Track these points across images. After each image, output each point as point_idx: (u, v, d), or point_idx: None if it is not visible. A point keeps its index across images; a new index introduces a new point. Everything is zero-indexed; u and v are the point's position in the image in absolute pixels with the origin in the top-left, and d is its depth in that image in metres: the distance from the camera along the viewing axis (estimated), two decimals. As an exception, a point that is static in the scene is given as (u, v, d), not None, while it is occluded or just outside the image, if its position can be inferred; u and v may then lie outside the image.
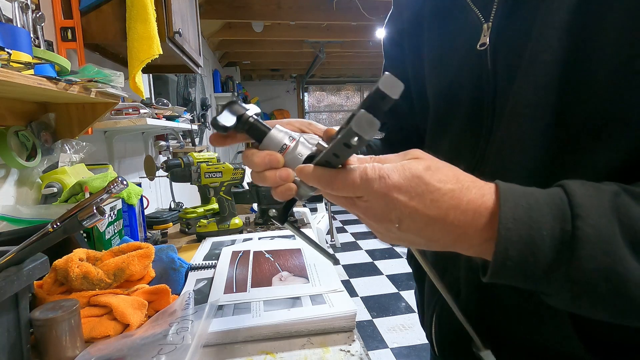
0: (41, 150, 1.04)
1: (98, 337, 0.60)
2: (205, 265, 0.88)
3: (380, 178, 0.32)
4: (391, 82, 0.30)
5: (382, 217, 0.33)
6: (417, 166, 0.33)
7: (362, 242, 4.31)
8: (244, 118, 0.41)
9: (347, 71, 7.31)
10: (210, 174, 1.23)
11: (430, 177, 0.32)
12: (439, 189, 0.32)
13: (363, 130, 0.28)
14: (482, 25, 0.44)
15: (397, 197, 0.32)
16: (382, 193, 0.32)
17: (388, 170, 0.32)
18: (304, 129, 0.46)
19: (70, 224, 0.51)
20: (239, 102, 0.42)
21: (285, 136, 0.40)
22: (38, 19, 0.96)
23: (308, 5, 3.64)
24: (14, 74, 0.69)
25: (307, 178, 0.36)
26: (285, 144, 0.40)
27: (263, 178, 0.40)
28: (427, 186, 0.32)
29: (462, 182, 0.33)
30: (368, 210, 0.34)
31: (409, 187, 0.32)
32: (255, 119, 0.42)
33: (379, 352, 2.25)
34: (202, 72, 3.62)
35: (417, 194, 0.32)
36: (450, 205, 0.32)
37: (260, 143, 0.41)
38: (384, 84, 0.29)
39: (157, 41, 1.18)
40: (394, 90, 0.29)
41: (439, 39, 0.51)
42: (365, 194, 0.33)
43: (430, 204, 0.32)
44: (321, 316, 0.63)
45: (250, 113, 0.42)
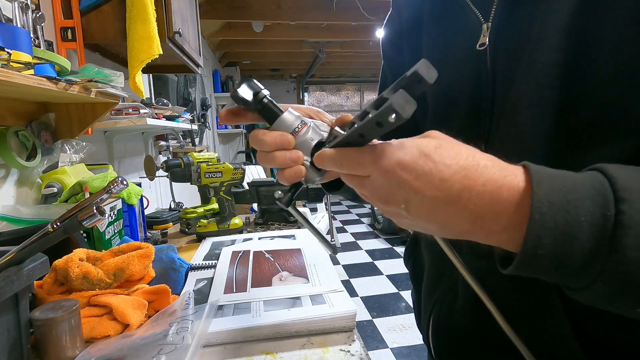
0: (41, 150, 1.04)
1: (98, 337, 0.60)
2: (205, 265, 0.88)
3: (385, 154, 0.30)
4: (428, 67, 0.30)
5: (387, 198, 0.31)
6: (428, 143, 0.30)
7: (362, 242, 4.31)
8: (259, 96, 0.41)
9: (347, 71, 7.31)
10: (210, 174, 1.24)
11: (439, 155, 0.29)
12: (449, 166, 0.29)
13: (402, 108, 0.27)
14: (482, 25, 0.44)
15: (402, 175, 0.30)
16: (385, 170, 0.30)
17: (395, 147, 0.31)
18: (312, 116, 0.46)
19: (70, 224, 0.51)
20: (254, 80, 0.42)
21: (297, 120, 0.41)
22: (38, 19, 0.96)
23: (308, 5, 3.64)
24: (14, 74, 0.69)
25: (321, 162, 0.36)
26: (297, 127, 0.40)
27: (272, 158, 0.39)
28: (435, 164, 0.29)
29: (478, 160, 0.30)
30: (374, 191, 0.32)
31: (415, 164, 0.29)
32: (269, 99, 0.41)
33: (379, 352, 2.25)
34: (202, 72, 3.62)
35: (423, 173, 0.29)
36: (463, 185, 0.28)
37: (271, 124, 0.41)
38: (421, 68, 0.29)
39: (157, 41, 1.18)
40: (430, 75, 0.29)
41: (438, 39, 0.51)
42: (371, 172, 0.31)
43: (439, 183, 0.29)
44: (321, 316, 0.63)
45: (265, 93, 0.41)
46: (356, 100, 8.11)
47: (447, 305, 0.51)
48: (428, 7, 0.53)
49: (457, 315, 0.49)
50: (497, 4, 0.43)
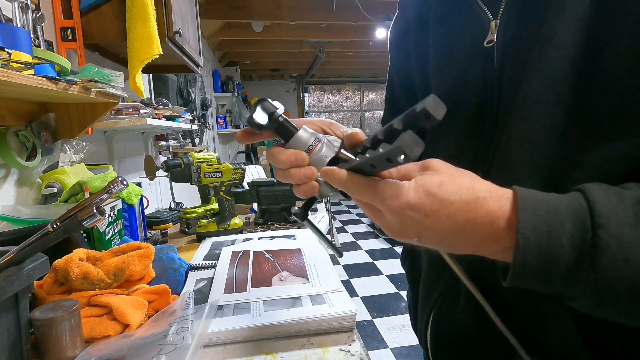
0: (41, 150, 1.04)
1: (98, 337, 0.60)
2: (205, 265, 0.88)
3: (395, 196, 0.33)
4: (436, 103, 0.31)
5: (400, 232, 0.35)
6: (431, 182, 0.33)
7: (362, 242, 4.31)
8: (274, 116, 0.42)
9: (347, 71, 7.31)
10: (210, 174, 1.23)
11: (443, 193, 0.32)
12: (453, 203, 0.32)
13: (410, 150, 0.29)
14: (490, 23, 0.44)
15: (413, 216, 0.33)
16: (398, 211, 0.33)
17: (403, 188, 0.33)
18: (325, 128, 0.47)
19: (70, 224, 0.51)
20: (268, 99, 0.43)
21: (311, 137, 0.42)
22: (38, 19, 0.96)
23: (308, 5, 3.64)
24: (14, 74, 0.69)
25: (334, 181, 0.37)
26: (312, 144, 0.42)
27: (288, 175, 0.41)
28: (441, 202, 0.32)
29: (478, 192, 0.32)
30: (387, 224, 0.35)
31: (423, 204, 0.32)
32: (284, 118, 0.43)
33: (379, 352, 2.25)
34: (202, 72, 3.62)
35: (431, 211, 0.32)
36: (466, 219, 0.32)
37: (287, 142, 0.42)
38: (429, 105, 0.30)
39: (157, 41, 1.18)
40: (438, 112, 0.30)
41: (444, 37, 0.51)
42: (382, 209, 0.34)
43: (446, 219, 0.32)
44: (321, 316, 0.63)
45: (280, 112, 0.43)
46: (356, 100, 8.11)
47: (448, 305, 0.51)
48: (434, 5, 0.52)
49: (458, 316, 0.49)
50: (506, 1, 0.42)
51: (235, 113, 5.19)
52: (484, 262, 0.44)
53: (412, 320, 0.64)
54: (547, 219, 0.30)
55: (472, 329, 0.48)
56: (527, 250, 0.30)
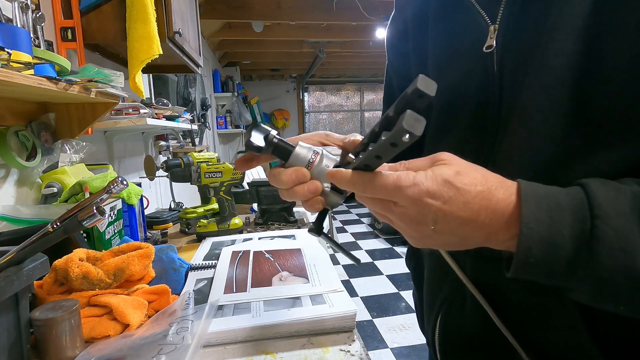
0: (41, 150, 1.04)
1: (98, 337, 0.60)
2: (205, 265, 0.88)
3: (413, 185, 0.33)
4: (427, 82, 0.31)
5: (417, 221, 0.35)
6: (448, 171, 0.34)
7: (362, 242, 4.31)
8: (269, 138, 0.43)
9: (347, 71, 7.31)
10: (210, 174, 1.23)
11: (460, 181, 0.34)
12: (469, 192, 0.33)
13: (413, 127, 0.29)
14: (489, 27, 0.43)
15: (431, 202, 0.33)
16: (416, 199, 0.33)
17: (420, 177, 0.34)
18: (322, 141, 0.47)
19: (70, 224, 0.51)
20: (260, 123, 0.44)
21: (309, 151, 0.42)
22: (38, 19, 0.96)
23: (308, 5, 3.64)
24: (14, 74, 0.69)
25: (341, 182, 0.37)
26: (311, 158, 0.42)
27: (293, 194, 0.42)
28: (458, 190, 0.33)
29: (490, 182, 0.34)
30: (404, 215, 0.35)
31: (442, 191, 0.33)
32: (279, 138, 0.43)
33: (379, 352, 2.25)
34: (202, 72, 3.62)
35: (449, 198, 0.33)
36: (480, 206, 0.33)
37: (286, 161, 0.43)
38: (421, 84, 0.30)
39: (157, 41, 1.18)
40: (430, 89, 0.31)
41: (443, 39, 0.51)
42: (400, 200, 0.34)
43: (463, 206, 0.33)
44: (321, 316, 0.63)
45: (274, 133, 0.43)
46: (356, 100, 8.11)
47: (455, 308, 0.51)
48: (433, 5, 0.52)
49: (465, 318, 0.49)
50: (504, 5, 0.42)
51: (235, 113, 5.19)
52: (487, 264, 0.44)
53: (419, 320, 0.64)
54: (549, 211, 0.32)
55: (479, 330, 0.48)
56: (530, 239, 0.31)
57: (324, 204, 0.42)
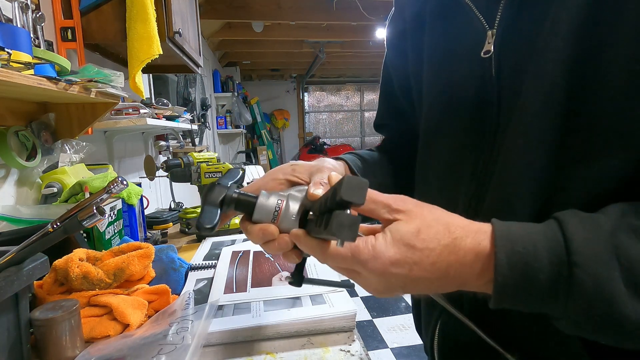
0: (41, 150, 1.04)
1: (98, 337, 0.60)
2: (205, 265, 0.88)
3: (374, 258, 0.32)
4: (355, 185, 0.29)
5: (384, 290, 0.34)
6: (408, 231, 0.33)
7: (362, 242, 4.30)
8: (226, 200, 0.40)
9: (347, 71, 7.31)
10: (210, 174, 1.23)
11: (422, 242, 0.33)
12: (434, 250, 0.32)
13: (343, 235, 0.28)
14: (487, 32, 0.43)
15: (397, 272, 0.32)
16: (381, 271, 0.32)
17: (380, 247, 0.33)
18: (288, 177, 0.45)
19: (70, 224, 0.51)
20: (216, 184, 0.41)
21: (273, 200, 0.39)
22: (38, 19, 0.96)
23: (308, 5, 3.64)
24: (14, 74, 0.69)
25: (301, 246, 0.37)
26: (276, 209, 0.39)
27: (266, 248, 0.40)
28: (422, 252, 0.32)
29: (454, 233, 0.33)
30: (368, 285, 0.35)
31: (406, 258, 0.32)
32: (238, 193, 0.40)
33: (379, 352, 2.25)
34: (202, 72, 3.62)
35: (414, 263, 0.32)
36: (448, 262, 0.32)
37: (251, 216, 0.40)
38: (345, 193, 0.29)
39: (157, 41, 1.18)
40: (359, 195, 0.29)
41: (440, 41, 0.50)
42: (361, 271, 0.33)
43: (430, 267, 0.32)
44: (321, 316, 0.63)
45: (232, 190, 0.40)
46: (356, 100, 8.11)
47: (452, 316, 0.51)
48: (430, 6, 0.52)
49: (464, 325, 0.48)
50: (502, 10, 0.41)
51: (235, 113, 5.19)
52: None
53: (417, 326, 0.64)
54: (525, 256, 0.31)
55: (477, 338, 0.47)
56: (505, 285, 0.31)
57: (299, 256, 0.40)
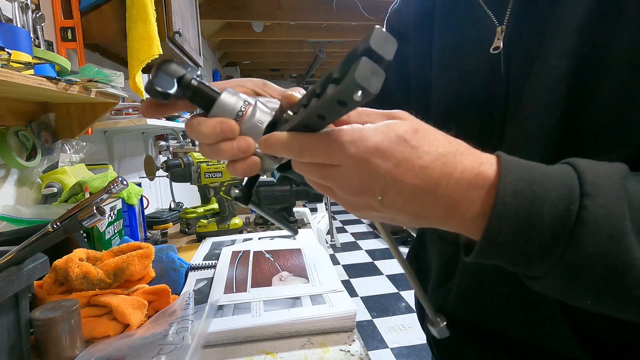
0: (41, 150, 1.04)
1: (98, 337, 0.60)
2: (205, 265, 0.88)
3: (359, 139, 0.27)
4: (383, 38, 0.23)
5: (362, 189, 0.28)
6: (403, 127, 0.28)
7: (362, 242, 4.31)
8: (185, 81, 0.33)
9: (347, 71, 7.31)
10: (210, 174, 1.23)
11: (418, 140, 0.28)
12: (429, 152, 0.27)
13: (368, 82, 0.22)
14: (496, 28, 0.43)
15: (380, 164, 0.27)
16: (362, 159, 0.27)
17: (368, 131, 0.27)
18: (257, 90, 0.39)
19: (70, 224, 0.51)
20: (175, 60, 0.34)
21: (239, 101, 0.33)
22: (38, 19, 0.96)
23: (308, 5, 3.64)
24: (14, 74, 0.69)
25: (275, 148, 0.30)
26: (241, 110, 0.33)
27: (217, 151, 0.33)
28: (415, 150, 0.27)
29: (455, 146, 0.29)
30: (344, 181, 0.28)
31: (395, 150, 0.27)
32: (199, 81, 0.34)
33: (379, 352, 2.25)
34: (202, 72, 3.62)
35: (403, 159, 0.27)
36: (442, 172, 0.27)
37: (208, 112, 0.34)
38: (375, 42, 0.23)
39: (157, 41, 1.18)
40: (388, 51, 0.23)
41: (450, 37, 0.50)
42: (341, 161, 0.28)
43: (420, 171, 0.27)
44: (321, 316, 0.63)
45: (192, 74, 0.34)
46: (356, 100, 8.11)
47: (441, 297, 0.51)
48: (439, 4, 0.51)
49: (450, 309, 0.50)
50: (511, 6, 0.42)
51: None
52: None
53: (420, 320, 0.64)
54: (532, 184, 0.27)
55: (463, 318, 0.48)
56: (504, 216, 0.27)
57: (254, 169, 0.33)
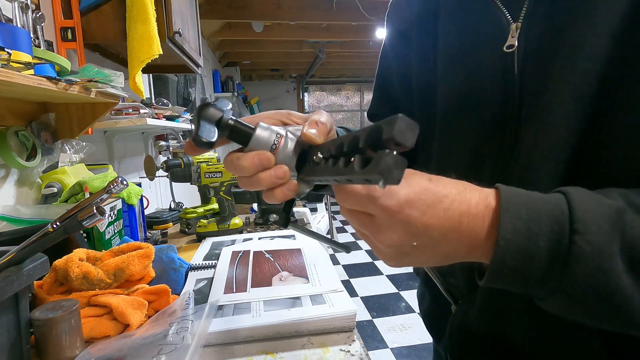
0: (41, 150, 1.04)
1: (98, 337, 0.60)
2: (205, 265, 0.88)
3: (388, 194, 0.30)
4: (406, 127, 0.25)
5: (397, 239, 0.32)
6: (419, 178, 0.32)
7: (362, 242, 4.31)
8: (223, 123, 0.36)
9: (347, 71, 7.31)
10: (210, 174, 1.23)
11: (436, 187, 0.31)
12: (447, 196, 0.31)
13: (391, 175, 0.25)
14: (510, 26, 0.41)
15: (410, 213, 0.30)
16: (393, 211, 0.30)
17: (394, 187, 0.31)
18: (284, 120, 0.42)
19: (70, 224, 0.51)
20: (211, 104, 0.37)
21: (272, 134, 0.37)
22: (38, 19, 0.96)
23: (308, 5, 3.64)
24: (14, 74, 0.69)
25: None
26: (275, 142, 0.36)
27: (257, 181, 0.36)
28: (436, 195, 0.31)
29: (460, 185, 0.32)
30: (380, 231, 0.32)
31: (420, 199, 0.31)
32: (235, 120, 0.37)
33: (379, 352, 2.25)
34: (202, 72, 3.61)
35: (428, 206, 0.31)
36: (461, 211, 0.31)
37: (246, 146, 0.37)
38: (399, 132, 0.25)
39: (157, 41, 1.18)
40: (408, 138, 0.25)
41: (456, 35, 0.48)
42: (374, 212, 0.31)
43: (444, 213, 0.31)
44: (321, 316, 0.63)
45: (228, 114, 0.37)
46: (356, 100, 8.11)
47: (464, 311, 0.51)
48: None
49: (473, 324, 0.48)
50: (528, 2, 0.40)
51: (235, 113, 5.17)
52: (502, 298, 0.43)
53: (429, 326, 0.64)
54: (528, 222, 0.30)
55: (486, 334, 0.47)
56: (506, 251, 0.30)
57: (293, 191, 0.37)
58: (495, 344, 0.47)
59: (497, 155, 0.43)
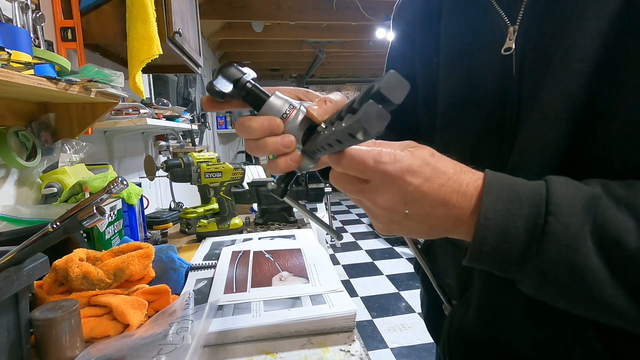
0: (41, 150, 1.04)
1: (98, 337, 0.60)
2: (205, 265, 0.88)
3: (395, 161, 0.32)
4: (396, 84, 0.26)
5: (392, 203, 0.34)
6: (424, 152, 0.34)
7: (362, 242, 4.31)
8: (240, 83, 0.38)
9: (347, 71, 7.30)
10: (210, 174, 1.23)
11: (436, 162, 0.34)
12: (445, 172, 0.33)
13: (369, 124, 0.25)
14: (508, 28, 0.42)
15: (410, 181, 0.33)
16: (396, 176, 0.32)
17: (401, 154, 0.33)
18: (301, 97, 0.43)
19: (70, 224, 0.51)
20: (234, 64, 0.39)
21: (285, 104, 0.38)
22: (38, 19, 0.96)
23: (308, 5, 3.64)
24: (14, 74, 0.69)
25: None
26: (287, 112, 0.38)
27: (262, 146, 0.37)
28: (435, 170, 0.33)
29: (458, 166, 0.35)
30: (377, 195, 0.34)
31: (421, 170, 0.33)
32: (253, 84, 0.39)
33: (379, 352, 2.25)
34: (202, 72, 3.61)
35: (427, 178, 0.33)
36: (452, 189, 0.33)
37: (258, 110, 0.39)
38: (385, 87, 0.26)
39: (157, 41, 1.18)
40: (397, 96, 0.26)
41: (458, 34, 0.48)
42: (376, 177, 0.33)
43: (438, 188, 0.33)
44: (321, 316, 0.63)
45: (248, 77, 0.39)
46: (356, 100, 8.10)
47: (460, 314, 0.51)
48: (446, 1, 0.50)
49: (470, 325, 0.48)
50: (525, 5, 0.40)
51: (235, 113, 5.19)
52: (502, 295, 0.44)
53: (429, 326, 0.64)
54: (508, 204, 0.33)
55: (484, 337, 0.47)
56: (486, 229, 0.32)
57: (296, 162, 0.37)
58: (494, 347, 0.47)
59: (495, 153, 0.44)
